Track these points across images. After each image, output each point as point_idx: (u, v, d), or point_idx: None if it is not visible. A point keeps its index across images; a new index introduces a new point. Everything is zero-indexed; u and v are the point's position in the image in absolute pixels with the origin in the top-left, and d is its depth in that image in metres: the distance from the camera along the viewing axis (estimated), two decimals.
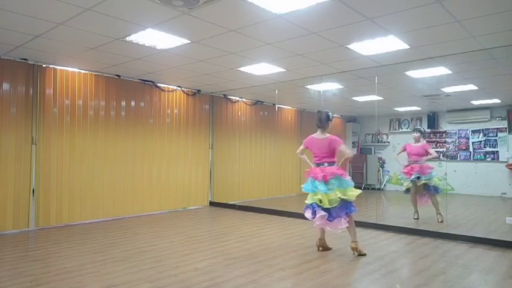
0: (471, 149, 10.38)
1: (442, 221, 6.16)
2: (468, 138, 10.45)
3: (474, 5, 3.52)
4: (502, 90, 7.76)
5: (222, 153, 8.56)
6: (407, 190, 6.61)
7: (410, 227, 5.63)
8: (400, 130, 11.58)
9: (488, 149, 10.11)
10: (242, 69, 6.07)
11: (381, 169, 11.71)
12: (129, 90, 6.76)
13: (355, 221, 4.45)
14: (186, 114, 7.77)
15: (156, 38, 4.50)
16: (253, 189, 9.16)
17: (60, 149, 5.86)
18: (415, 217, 6.53)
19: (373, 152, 11.97)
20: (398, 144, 11.55)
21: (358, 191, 4.38)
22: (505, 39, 4.49)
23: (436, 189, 6.32)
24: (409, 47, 4.79)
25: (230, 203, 8.16)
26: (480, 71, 6.14)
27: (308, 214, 4.39)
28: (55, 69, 5.81)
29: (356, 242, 4.28)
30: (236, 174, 8.83)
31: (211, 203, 8.20)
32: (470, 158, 10.38)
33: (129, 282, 3.33)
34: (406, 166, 6.61)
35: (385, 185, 11.79)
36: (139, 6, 3.56)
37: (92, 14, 3.74)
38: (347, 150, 4.50)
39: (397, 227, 5.65)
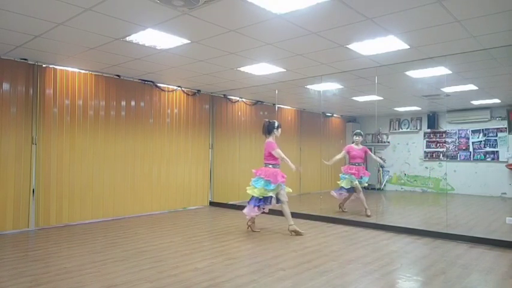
0: (471, 149, 10.38)
1: (370, 215, 6.73)
2: (468, 138, 10.45)
3: (474, 5, 3.52)
4: (502, 90, 7.76)
5: (222, 153, 8.56)
6: (351, 189, 7.00)
7: (410, 227, 5.63)
8: (400, 130, 11.58)
9: (488, 149, 10.11)
10: (242, 69, 6.07)
11: (381, 169, 11.71)
12: (129, 90, 6.76)
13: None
14: (186, 114, 7.77)
15: (156, 38, 4.50)
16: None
17: (60, 149, 5.86)
18: (346, 210, 7.28)
19: (373, 152, 11.96)
20: (398, 144, 11.57)
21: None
22: (505, 39, 4.49)
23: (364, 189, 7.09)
24: (409, 47, 4.79)
25: (230, 203, 8.16)
26: (480, 71, 6.14)
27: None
28: (55, 69, 5.81)
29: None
30: (236, 174, 8.83)
31: (211, 203, 8.20)
32: (470, 158, 10.38)
33: (129, 282, 3.33)
34: (351, 167, 7.08)
35: (385, 185, 11.79)
36: (139, 6, 3.56)
37: (92, 14, 3.74)
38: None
39: (397, 227, 5.65)
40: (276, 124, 5.54)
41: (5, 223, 5.29)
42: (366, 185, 7.19)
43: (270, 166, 5.42)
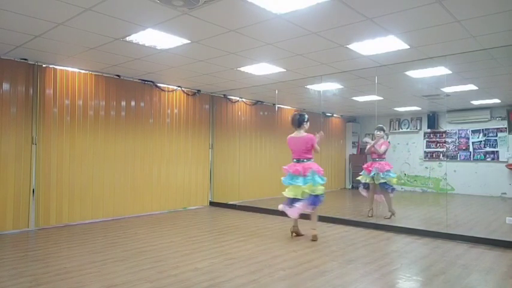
0: (471, 149, 10.38)
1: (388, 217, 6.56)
2: (468, 138, 10.45)
3: (474, 5, 3.52)
4: (502, 90, 7.76)
5: (222, 153, 8.56)
6: (365, 184, 6.87)
7: (410, 227, 5.63)
8: (400, 130, 11.58)
9: (488, 149, 10.11)
10: (242, 69, 6.07)
11: None
12: (129, 90, 6.76)
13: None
14: (186, 114, 7.77)
15: (156, 38, 4.50)
16: (253, 189, 9.15)
17: (60, 149, 5.86)
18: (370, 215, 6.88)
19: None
20: (398, 144, 11.57)
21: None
22: (505, 39, 4.49)
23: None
24: (409, 47, 4.79)
25: (230, 203, 8.16)
26: (480, 71, 6.14)
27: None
28: (55, 69, 5.81)
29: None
30: (236, 174, 8.83)
31: (211, 203, 8.20)
32: (470, 158, 10.38)
33: (129, 282, 3.33)
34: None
35: None
36: (139, 6, 3.56)
37: (92, 14, 3.74)
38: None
39: (397, 227, 5.65)
40: (306, 117, 5.16)
41: (5, 223, 5.29)
42: (383, 181, 6.53)
43: (306, 161, 5.01)
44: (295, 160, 5.10)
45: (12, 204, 5.37)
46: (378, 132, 6.77)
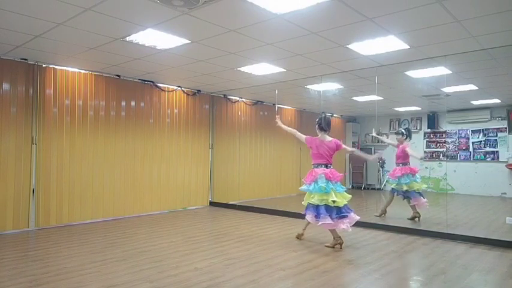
0: (471, 149, 10.38)
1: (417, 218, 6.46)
2: (468, 138, 10.45)
3: (474, 5, 3.52)
4: (502, 90, 7.76)
5: (222, 153, 8.56)
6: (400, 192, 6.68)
7: (410, 227, 5.63)
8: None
9: (488, 149, 10.11)
10: (242, 69, 6.07)
11: (380, 169, 11.70)
12: (129, 90, 6.76)
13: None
14: (186, 114, 7.77)
15: (156, 38, 4.50)
16: (253, 189, 9.15)
17: (60, 149, 5.86)
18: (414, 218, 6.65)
19: (373, 152, 11.96)
20: None
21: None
22: (505, 39, 4.49)
23: None
24: (409, 47, 4.79)
25: (230, 203, 8.16)
26: (480, 71, 6.14)
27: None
28: (55, 69, 5.81)
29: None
30: (236, 174, 8.83)
31: (211, 203, 8.20)
32: (470, 158, 10.38)
33: (129, 282, 3.33)
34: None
35: (385, 185, 11.78)
36: (139, 6, 3.56)
37: (92, 14, 3.74)
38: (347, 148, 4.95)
39: (397, 227, 5.65)
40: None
41: (5, 223, 5.29)
42: (406, 188, 6.35)
43: (331, 167, 4.73)
44: (323, 165, 4.69)
45: (12, 204, 5.37)
46: (398, 137, 6.65)
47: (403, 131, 6.66)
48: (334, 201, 4.46)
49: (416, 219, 6.44)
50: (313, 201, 4.58)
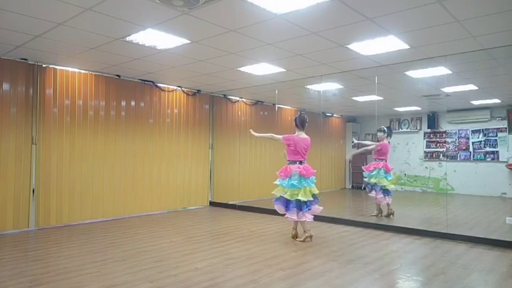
0: (471, 149, 10.38)
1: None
2: (468, 138, 10.45)
3: (474, 5, 3.52)
4: (502, 90, 7.76)
5: (222, 153, 8.56)
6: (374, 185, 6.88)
7: (410, 227, 5.63)
8: (400, 130, 11.58)
9: (488, 149, 10.11)
10: (242, 69, 6.07)
11: None
12: (129, 90, 6.76)
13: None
14: (186, 114, 7.77)
15: (156, 38, 4.50)
16: (253, 189, 9.15)
17: (60, 149, 5.86)
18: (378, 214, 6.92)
19: (373, 152, 11.97)
20: (398, 144, 11.57)
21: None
22: (505, 39, 4.49)
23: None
24: (409, 47, 4.79)
25: (230, 203, 8.16)
26: (480, 71, 6.14)
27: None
28: (55, 69, 5.81)
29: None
30: (236, 174, 8.82)
31: (211, 203, 8.20)
32: (470, 158, 10.38)
33: (129, 282, 3.33)
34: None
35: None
36: (139, 6, 3.56)
37: (92, 14, 3.74)
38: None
39: (397, 227, 5.65)
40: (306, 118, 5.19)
41: (5, 223, 5.29)
42: (374, 181, 6.62)
43: (305, 163, 5.02)
44: (298, 162, 4.94)
45: (12, 204, 5.37)
46: (380, 134, 6.92)
47: (384, 128, 7.00)
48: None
49: (391, 216, 6.67)
50: (285, 196, 4.90)
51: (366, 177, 6.86)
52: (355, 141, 8.28)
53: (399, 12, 3.68)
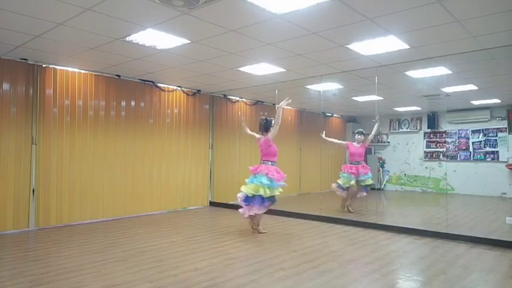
0: (471, 149, 10.38)
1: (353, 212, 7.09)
2: (468, 138, 10.45)
3: (474, 5, 3.52)
4: (502, 90, 7.76)
5: (222, 153, 8.55)
6: (347, 188, 7.14)
7: (410, 227, 5.63)
8: (400, 130, 11.58)
9: (488, 149, 10.11)
10: (242, 69, 6.07)
11: (381, 169, 11.71)
12: (129, 90, 6.76)
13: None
14: (186, 114, 7.77)
15: (156, 38, 4.50)
16: None
17: (60, 149, 5.86)
18: (352, 211, 7.21)
19: (373, 152, 11.97)
20: (398, 144, 11.58)
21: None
22: (505, 39, 4.49)
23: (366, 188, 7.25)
24: (409, 47, 4.79)
25: (230, 203, 8.15)
26: (480, 71, 6.14)
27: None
28: (55, 69, 5.81)
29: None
30: (236, 174, 8.82)
31: (211, 203, 8.20)
32: (470, 158, 10.38)
33: (129, 282, 3.33)
34: (351, 166, 7.17)
35: (385, 185, 11.79)
36: (139, 6, 3.56)
37: (92, 14, 3.74)
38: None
39: (397, 227, 5.65)
40: (273, 122, 5.59)
41: (5, 223, 5.29)
42: (371, 182, 7.21)
43: (270, 163, 5.39)
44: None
45: (12, 204, 5.37)
46: (359, 136, 7.24)
47: (363, 131, 7.38)
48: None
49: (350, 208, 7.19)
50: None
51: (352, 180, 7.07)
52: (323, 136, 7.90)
53: (399, 12, 3.68)
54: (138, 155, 6.90)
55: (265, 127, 5.56)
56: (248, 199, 5.16)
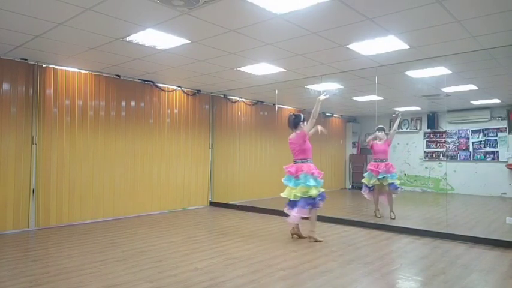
0: (471, 149, 10.38)
1: (394, 218, 6.45)
2: (468, 138, 10.45)
3: (474, 5, 3.52)
4: (502, 90, 7.76)
5: (222, 153, 8.56)
6: (372, 187, 6.77)
7: (410, 227, 5.63)
8: (400, 130, 11.57)
9: (488, 149, 10.11)
10: (242, 69, 6.07)
11: None
12: (129, 90, 6.76)
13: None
14: (186, 114, 7.77)
15: (156, 38, 4.50)
16: (253, 189, 9.15)
17: (60, 149, 5.86)
18: (378, 215, 6.71)
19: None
20: (398, 144, 11.57)
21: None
22: (505, 39, 4.49)
23: (395, 188, 6.59)
24: (409, 47, 4.79)
25: (230, 203, 8.16)
26: (480, 71, 6.14)
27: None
28: (55, 69, 5.81)
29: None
30: (236, 174, 8.82)
31: (211, 203, 8.20)
32: (470, 158, 10.38)
33: (129, 282, 3.33)
34: (372, 163, 6.77)
35: None
36: (139, 6, 3.56)
37: (92, 14, 3.74)
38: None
39: (397, 227, 5.65)
40: (302, 116, 5.15)
41: (5, 223, 5.29)
42: (391, 181, 6.45)
43: (300, 162, 4.95)
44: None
45: (12, 204, 5.37)
46: (380, 133, 6.76)
47: (383, 127, 6.83)
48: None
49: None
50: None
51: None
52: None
53: (399, 12, 3.69)
54: (138, 155, 6.90)
55: (294, 123, 5.05)
56: (292, 203, 4.84)
